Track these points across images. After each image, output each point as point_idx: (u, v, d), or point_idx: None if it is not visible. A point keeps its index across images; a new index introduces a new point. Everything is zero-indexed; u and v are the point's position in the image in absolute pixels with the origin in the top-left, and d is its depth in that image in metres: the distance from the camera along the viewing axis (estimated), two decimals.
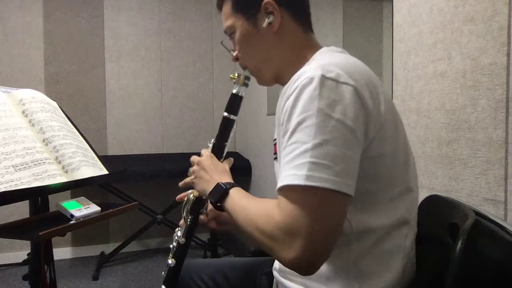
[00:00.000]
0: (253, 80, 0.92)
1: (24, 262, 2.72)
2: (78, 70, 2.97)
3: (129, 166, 2.55)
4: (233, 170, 0.91)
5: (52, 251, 1.21)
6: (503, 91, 0.91)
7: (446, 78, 1.09)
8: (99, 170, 1.19)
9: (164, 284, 0.95)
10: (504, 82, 0.91)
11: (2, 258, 2.76)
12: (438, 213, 0.81)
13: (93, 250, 3.01)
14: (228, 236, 1.89)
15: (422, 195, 0.93)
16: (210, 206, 0.98)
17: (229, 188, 0.78)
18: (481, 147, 0.97)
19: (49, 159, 1.03)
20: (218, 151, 0.94)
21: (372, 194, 0.69)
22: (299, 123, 0.62)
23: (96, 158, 1.23)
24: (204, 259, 2.75)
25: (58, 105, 1.27)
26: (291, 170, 0.61)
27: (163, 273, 0.96)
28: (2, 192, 0.87)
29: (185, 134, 3.26)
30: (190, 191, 0.96)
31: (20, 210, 2.21)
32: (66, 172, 1.06)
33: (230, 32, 0.87)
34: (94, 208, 1.09)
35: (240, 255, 1.60)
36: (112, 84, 3.06)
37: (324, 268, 0.68)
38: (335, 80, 0.63)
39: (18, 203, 0.95)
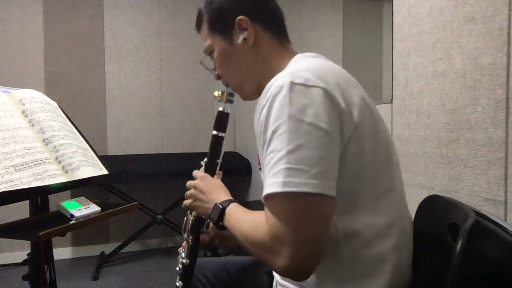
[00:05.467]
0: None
1: (24, 262, 2.71)
2: (78, 70, 2.97)
3: (129, 166, 2.55)
4: (233, 170, 0.91)
5: (52, 251, 1.21)
6: (503, 91, 0.91)
7: (446, 78, 1.09)
8: (99, 170, 1.19)
9: None
10: (504, 82, 0.91)
11: (2, 258, 2.76)
12: (438, 213, 0.81)
13: (93, 250, 3.01)
14: None
15: (422, 195, 0.93)
16: (210, 225, 0.99)
17: (226, 207, 0.80)
18: (481, 147, 0.97)
19: (49, 159, 1.03)
20: (210, 170, 0.97)
21: (355, 194, 0.69)
22: (273, 132, 0.63)
23: (96, 158, 1.23)
24: (207, 257, 2.75)
25: (58, 105, 1.27)
26: (270, 179, 0.62)
27: None
28: (2, 192, 0.87)
29: (185, 134, 3.26)
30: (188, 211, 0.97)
31: (20, 210, 2.20)
32: (66, 172, 1.06)
33: (209, 51, 0.91)
34: (94, 208, 1.09)
35: (240, 255, 1.60)
36: (112, 84, 3.06)
37: (316, 271, 0.68)
38: (304, 85, 0.64)
39: (18, 203, 0.95)
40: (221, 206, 0.81)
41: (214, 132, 0.97)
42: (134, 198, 2.72)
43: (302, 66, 0.71)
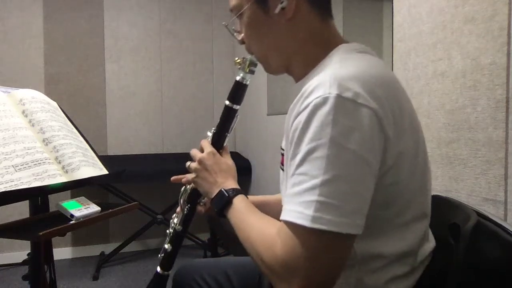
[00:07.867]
0: (253, 79, 0.86)
1: (24, 262, 2.71)
2: (78, 70, 2.97)
3: (129, 166, 2.55)
4: None
5: (52, 251, 1.21)
6: (503, 91, 0.91)
7: (446, 78, 1.09)
8: (99, 170, 1.19)
9: (160, 266, 0.97)
10: (504, 82, 0.91)
11: (2, 258, 2.76)
12: (438, 213, 0.81)
13: (93, 250, 3.00)
14: (228, 236, 1.89)
15: None
16: None
17: (232, 197, 0.74)
18: (481, 147, 0.97)
19: (49, 159, 1.03)
20: (218, 142, 0.89)
21: (382, 220, 0.63)
22: (309, 152, 0.56)
23: (96, 158, 1.23)
24: (205, 259, 2.75)
25: (58, 105, 1.27)
26: (297, 206, 0.56)
27: (159, 255, 0.97)
28: (2, 192, 0.87)
29: (185, 134, 3.26)
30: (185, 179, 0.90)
31: (20, 210, 2.21)
32: (66, 172, 1.06)
33: (236, 12, 0.76)
34: (94, 208, 1.09)
35: (240, 255, 1.60)
36: (112, 84, 3.06)
37: None
38: (353, 101, 0.55)
39: (18, 203, 0.95)
40: (227, 194, 0.74)
41: (228, 103, 0.86)
42: (134, 198, 2.72)
43: (350, 70, 0.60)
